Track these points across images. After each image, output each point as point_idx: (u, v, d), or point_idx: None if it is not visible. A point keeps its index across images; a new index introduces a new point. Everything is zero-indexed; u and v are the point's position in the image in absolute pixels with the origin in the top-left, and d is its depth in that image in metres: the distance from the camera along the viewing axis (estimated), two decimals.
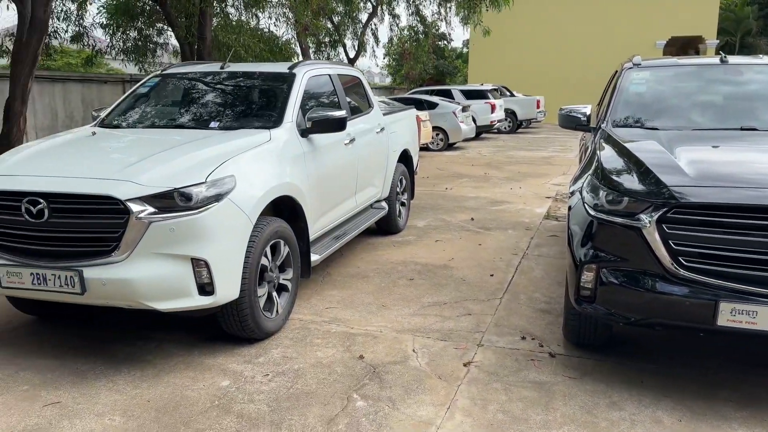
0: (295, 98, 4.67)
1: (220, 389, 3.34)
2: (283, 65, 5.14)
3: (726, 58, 4.87)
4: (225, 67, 5.14)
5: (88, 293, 3.34)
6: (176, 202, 3.37)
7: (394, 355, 3.76)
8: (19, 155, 3.86)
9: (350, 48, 24.56)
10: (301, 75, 4.91)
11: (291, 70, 4.95)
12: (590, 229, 3.30)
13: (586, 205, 3.39)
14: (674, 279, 3.06)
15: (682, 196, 3.04)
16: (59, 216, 3.37)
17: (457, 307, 4.58)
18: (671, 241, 3.04)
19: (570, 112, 4.73)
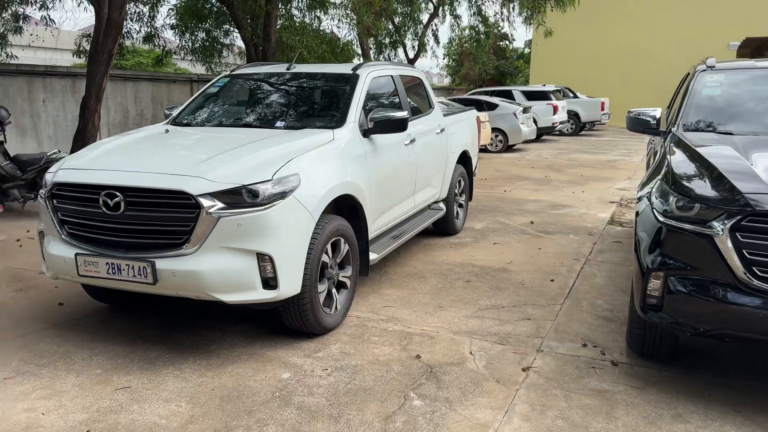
0: (358, 99, 4.73)
1: (280, 381, 3.43)
2: (347, 66, 5.21)
3: None
4: (291, 68, 5.26)
5: (160, 283, 3.49)
6: (243, 199, 3.47)
7: (451, 356, 3.76)
8: (97, 150, 4.07)
9: (410, 48, 24.63)
10: (365, 76, 4.97)
11: (354, 71, 5.02)
12: (659, 235, 3.21)
13: (655, 210, 3.30)
14: (747, 289, 2.94)
15: (758, 203, 2.92)
16: (134, 209, 3.53)
17: (515, 311, 4.53)
18: (745, 250, 2.93)
19: (639, 114, 4.60)
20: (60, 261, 3.74)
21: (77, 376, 3.49)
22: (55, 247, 3.79)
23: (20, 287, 5.10)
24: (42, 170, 7.75)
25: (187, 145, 4.31)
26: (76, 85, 13.32)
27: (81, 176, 3.71)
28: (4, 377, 3.48)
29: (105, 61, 10.38)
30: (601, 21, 29.58)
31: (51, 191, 3.79)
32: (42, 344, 3.93)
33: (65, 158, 4.06)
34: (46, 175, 3.91)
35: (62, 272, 3.79)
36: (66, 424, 3.00)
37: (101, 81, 10.46)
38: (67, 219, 3.76)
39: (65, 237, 3.74)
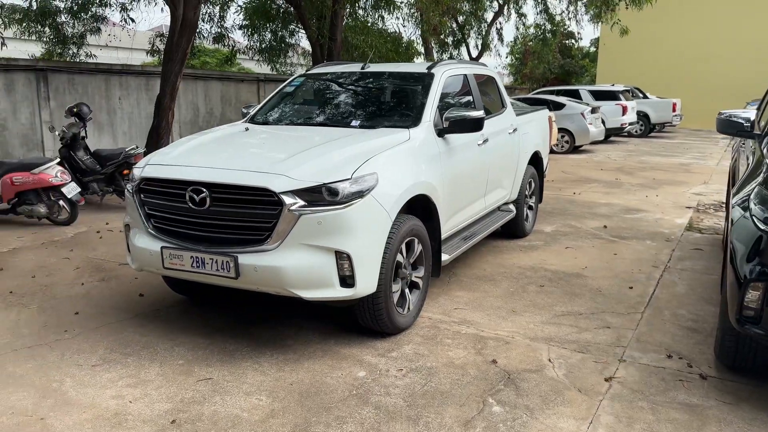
0: (433, 98, 4.69)
1: (356, 379, 3.43)
2: (421, 65, 5.18)
3: None
4: (365, 68, 5.27)
5: (242, 278, 3.55)
6: (323, 197, 3.49)
7: (529, 362, 3.67)
8: (182, 147, 4.18)
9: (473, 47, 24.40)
10: (440, 75, 4.93)
11: (429, 70, 4.98)
12: (759, 244, 3.04)
13: (755, 218, 3.12)
14: None
15: None
16: (219, 205, 3.60)
17: (593, 318, 4.39)
18: None
19: (731, 116, 4.38)
20: (146, 254, 3.86)
21: (161, 366, 3.59)
22: (141, 240, 3.92)
23: (102, 277, 5.31)
24: (120, 165, 8.07)
25: (268, 144, 4.37)
26: (150, 83, 13.82)
27: (168, 172, 3.82)
28: (92, 364, 3.61)
29: (179, 61, 10.71)
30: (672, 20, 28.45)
31: (138, 186, 3.91)
32: (126, 333, 4.07)
33: (152, 154, 4.19)
34: (134, 170, 4.05)
35: (147, 264, 3.92)
36: (152, 412, 3.08)
37: (175, 80, 10.79)
38: (153, 213, 3.87)
39: (151, 230, 3.86)
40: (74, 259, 5.87)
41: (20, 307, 4.57)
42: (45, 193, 7.12)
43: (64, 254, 6.06)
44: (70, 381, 3.40)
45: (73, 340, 3.97)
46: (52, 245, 6.41)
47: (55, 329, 4.14)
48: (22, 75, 11.42)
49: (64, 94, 12.04)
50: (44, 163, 7.13)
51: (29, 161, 7.28)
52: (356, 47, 14.87)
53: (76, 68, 12.49)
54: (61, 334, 4.07)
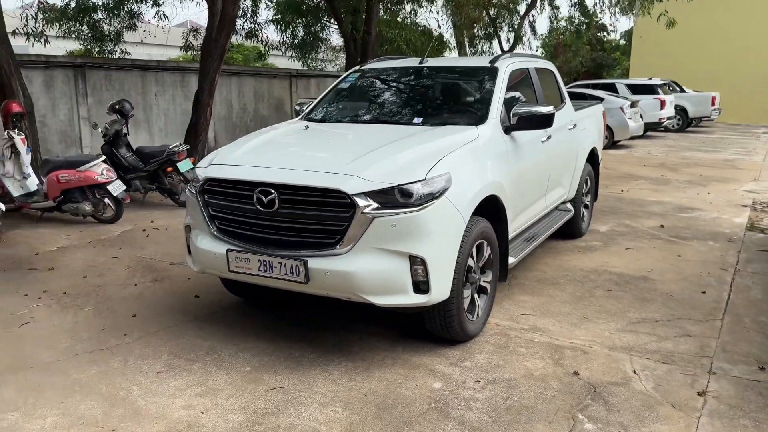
0: (499, 93, 4.49)
1: (433, 391, 3.26)
2: (482, 59, 4.98)
3: None
4: (423, 62, 5.08)
5: (311, 283, 3.40)
6: (396, 198, 3.33)
7: (613, 374, 3.47)
8: (245, 146, 4.04)
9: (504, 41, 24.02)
10: (504, 69, 4.72)
11: (493, 64, 4.78)
12: None
13: None
14: None
15: None
16: (288, 207, 3.46)
17: (671, 326, 4.16)
18: None
19: None
20: (210, 256, 3.74)
21: (227, 373, 3.47)
22: (204, 242, 3.79)
23: (155, 278, 5.22)
24: (164, 162, 8.00)
25: (333, 143, 4.20)
26: (185, 79, 13.80)
27: (234, 172, 3.68)
28: (157, 371, 3.50)
29: (218, 57, 10.62)
30: (708, 13, 27.63)
31: (202, 186, 3.78)
32: (187, 338, 3.96)
33: (214, 154, 4.06)
34: (197, 170, 3.92)
35: (210, 267, 3.79)
36: (226, 424, 2.95)
37: (214, 76, 10.71)
38: (218, 214, 3.74)
39: (215, 232, 3.74)
40: (123, 259, 5.79)
41: (76, 309, 4.49)
42: (90, 191, 7.07)
43: (113, 253, 5.99)
44: (137, 389, 3.29)
45: (134, 344, 3.87)
46: (99, 244, 6.35)
47: (114, 333, 4.05)
48: (61, 72, 11.46)
49: (101, 91, 12.06)
50: (90, 160, 7.08)
51: (75, 159, 7.24)
52: (391, 41, 14.68)
53: (113, 64, 12.51)
54: (120, 338, 3.97)
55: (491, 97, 4.44)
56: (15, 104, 7.29)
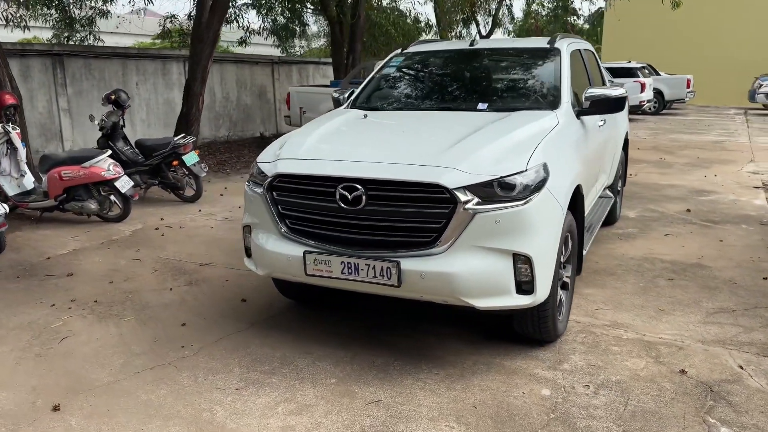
0: (567, 76, 4.26)
1: (544, 399, 3.03)
2: (540, 40, 4.74)
3: None
4: (474, 44, 4.80)
5: (404, 286, 3.12)
6: (495, 192, 3.07)
7: (720, 371, 3.29)
8: (312, 138, 3.70)
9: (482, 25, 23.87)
10: (565, 50, 4.50)
11: (552, 45, 4.54)
12: None
13: None
14: None
15: None
16: (376, 203, 3.16)
17: (750, 315, 4.03)
18: None
19: None
20: (281, 259, 3.42)
21: (314, 386, 3.17)
22: (272, 244, 3.47)
23: (189, 281, 4.85)
24: (168, 156, 7.55)
25: (408, 133, 3.84)
26: (167, 67, 13.21)
27: (310, 167, 3.36)
28: (235, 387, 3.18)
29: (210, 42, 10.13)
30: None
31: (271, 183, 3.45)
32: (252, 347, 3.64)
33: (274, 147, 3.72)
34: (260, 166, 3.58)
35: (282, 271, 3.47)
36: None
37: (206, 63, 10.23)
38: (290, 213, 3.42)
39: (286, 232, 3.41)
40: (146, 261, 5.39)
41: (116, 319, 4.11)
42: (96, 188, 6.60)
43: (131, 255, 5.58)
44: (221, 410, 2.97)
45: (196, 357, 3.53)
46: (113, 245, 5.92)
47: (169, 345, 3.70)
48: (38, 61, 10.79)
49: (81, 81, 11.43)
50: (94, 156, 6.60)
51: (78, 155, 6.73)
52: (379, 25, 14.30)
53: (92, 52, 11.85)
54: (179, 350, 3.62)
55: (560, 79, 4.21)
56: (8, 95, 6.74)
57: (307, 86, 13.32)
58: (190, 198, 7.82)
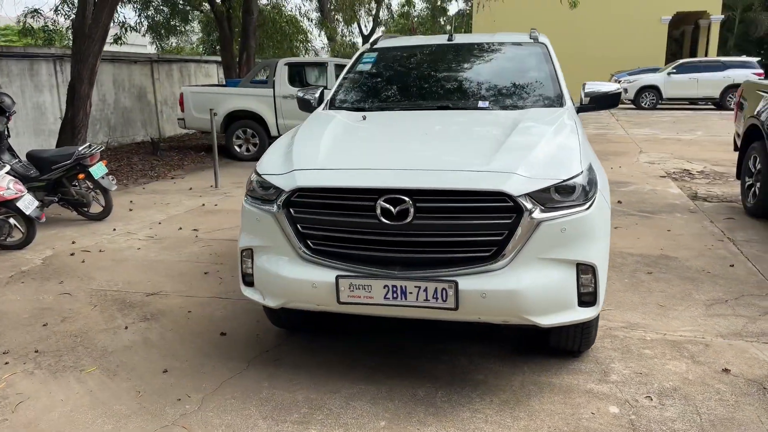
0: (559, 71, 4.11)
1: (618, 418, 2.82)
2: (521, 35, 4.58)
3: None
4: (452, 39, 4.52)
5: (462, 308, 2.76)
6: (552, 197, 2.81)
7: (758, 366, 3.28)
8: (323, 146, 3.21)
9: (363, 25, 23.80)
10: (549, 44, 4.37)
11: (536, 40, 4.39)
12: None
13: None
14: None
15: None
16: (426, 217, 2.77)
17: (744, 304, 4.13)
18: None
19: None
20: (303, 286, 2.91)
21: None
22: (289, 269, 2.95)
23: (142, 315, 4.13)
24: (71, 169, 6.54)
25: (432, 135, 3.45)
26: (35, 67, 11.67)
27: (340, 178, 2.88)
28: None
29: (99, 38, 8.99)
30: None
31: (289, 198, 2.93)
32: (264, 392, 3.09)
33: (280, 155, 3.19)
34: (269, 179, 3.04)
35: (304, 300, 2.97)
36: None
37: (95, 62, 9.08)
38: (313, 232, 2.93)
39: (308, 255, 2.92)
40: (77, 294, 4.55)
41: (75, 372, 3.36)
42: None
43: (56, 288, 4.69)
44: None
45: (203, 412, 2.93)
46: (26, 278, 4.95)
47: (161, 399, 3.05)
48: None
49: None
50: None
51: None
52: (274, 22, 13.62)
53: None
54: (176, 404, 2.99)
55: (557, 75, 4.06)
56: None
57: (202, 86, 12.36)
58: (96, 215, 6.84)
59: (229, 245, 5.71)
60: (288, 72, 11.29)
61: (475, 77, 4.23)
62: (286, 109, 11.15)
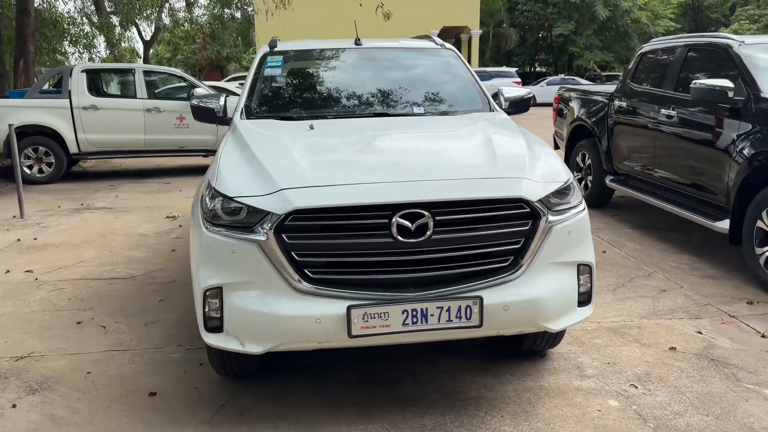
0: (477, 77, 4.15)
1: (623, 410, 2.90)
2: (426, 42, 4.52)
3: None
4: (360, 44, 4.30)
5: (486, 324, 2.59)
6: (551, 201, 2.78)
7: (693, 341, 3.64)
8: (301, 161, 2.78)
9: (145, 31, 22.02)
10: (457, 52, 4.39)
11: (444, 47, 4.39)
12: None
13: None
14: None
15: None
16: (445, 230, 2.54)
17: (641, 286, 4.58)
18: None
19: None
20: (305, 324, 2.49)
21: None
22: (283, 305, 2.50)
23: (27, 387, 3.21)
24: None
25: (410, 142, 3.21)
26: None
27: (346, 194, 2.51)
28: None
29: None
30: (313, 6, 29.83)
31: (282, 223, 2.47)
32: None
33: (251, 177, 2.69)
34: (247, 201, 2.53)
35: (305, 339, 2.53)
36: None
37: None
38: (313, 259, 2.51)
39: (308, 286, 2.50)
40: None
41: None
42: None
43: None
44: None
45: None
46: None
47: None
48: None
49: None
50: None
51: None
52: (55, 24, 11.78)
53: None
54: None
55: (476, 80, 4.08)
56: None
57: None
58: None
59: (88, 286, 4.75)
60: (87, 80, 9.90)
61: (403, 83, 4.07)
62: (88, 122, 9.77)
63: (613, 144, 6.72)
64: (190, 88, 10.18)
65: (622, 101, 6.57)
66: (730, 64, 4.99)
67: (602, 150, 6.90)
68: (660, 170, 5.80)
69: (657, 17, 39.85)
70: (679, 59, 5.78)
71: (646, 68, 6.48)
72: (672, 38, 6.39)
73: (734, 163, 4.64)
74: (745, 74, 4.76)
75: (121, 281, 4.85)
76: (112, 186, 9.37)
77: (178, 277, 4.90)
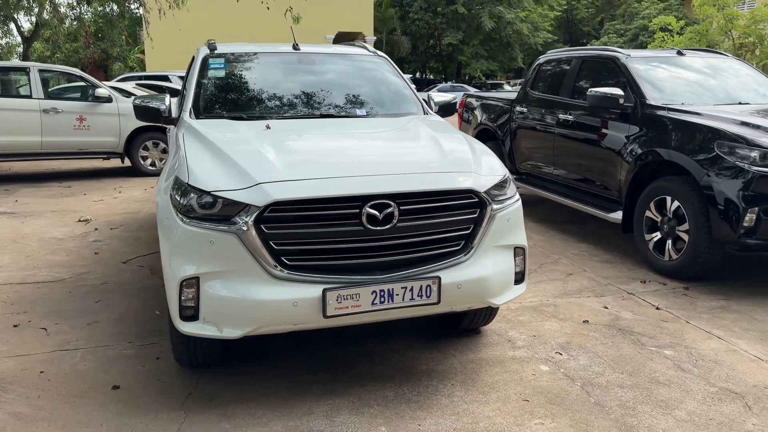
0: (407, 81, 4.52)
1: (553, 373, 3.34)
2: (359, 49, 4.82)
3: None
4: (297, 48, 4.52)
5: (443, 301, 2.93)
6: (496, 192, 3.17)
7: (601, 315, 4.19)
8: (270, 156, 2.98)
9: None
10: (387, 57, 4.73)
11: (377, 54, 4.71)
12: None
13: None
14: None
15: None
16: (408, 219, 2.86)
17: (550, 270, 5.13)
18: None
19: None
20: (282, 307, 2.70)
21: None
22: (262, 291, 2.70)
23: None
24: None
25: (365, 140, 3.53)
26: None
27: (321, 187, 2.75)
28: None
29: None
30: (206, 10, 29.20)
31: (261, 214, 2.66)
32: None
33: (223, 171, 2.85)
34: (225, 194, 2.70)
35: (282, 322, 2.74)
36: None
37: None
38: (289, 248, 2.73)
39: (284, 273, 2.72)
40: None
41: None
42: None
43: None
44: None
45: None
46: None
47: None
48: None
49: None
50: None
51: None
52: None
53: None
54: None
55: (409, 85, 4.44)
56: None
57: None
58: None
59: (14, 290, 4.60)
60: None
61: (344, 87, 4.33)
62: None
63: (515, 146, 7.36)
64: (90, 89, 9.83)
65: (522, 107, 7.21)
66: (619, 75, 5.71)
67: (505, 152, 7.52)
68: (558, 169, 6.46)
69: (537, 29, 42.62)
70: (573, 70, 6.47)
71: (543, 77, 7.17)
72: (565, 50, 7.13)
73: (625, 162, 5.32)
74: (633, 83, 5.48)
75: (49, 284, 4.73)
76: (7, 191, 8.84)
77: (110, 279, 4.85)
